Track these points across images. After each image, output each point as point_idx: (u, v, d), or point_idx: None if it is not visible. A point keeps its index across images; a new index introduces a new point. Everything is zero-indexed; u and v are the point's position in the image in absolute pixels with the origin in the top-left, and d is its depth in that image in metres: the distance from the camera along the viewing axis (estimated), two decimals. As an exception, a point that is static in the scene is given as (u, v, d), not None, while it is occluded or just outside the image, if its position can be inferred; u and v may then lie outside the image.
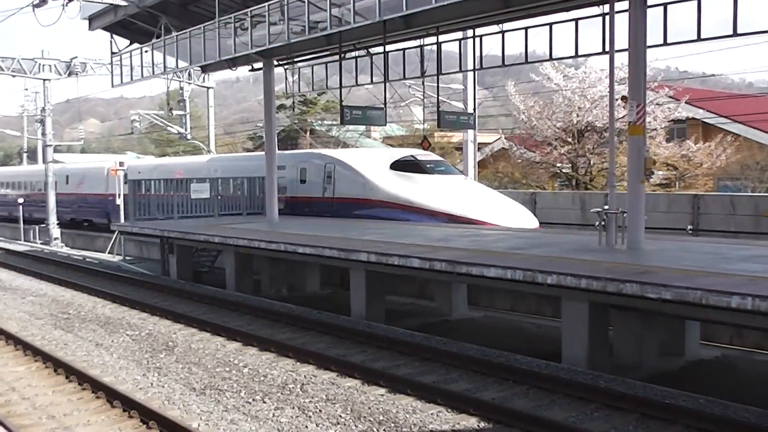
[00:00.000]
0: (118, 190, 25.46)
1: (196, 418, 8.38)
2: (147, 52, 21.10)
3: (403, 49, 18.48)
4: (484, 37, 16.70)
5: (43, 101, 33.53)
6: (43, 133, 33.66)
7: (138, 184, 21.31)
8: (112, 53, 22.37)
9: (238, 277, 17.48)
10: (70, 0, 19.38)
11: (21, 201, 34.38)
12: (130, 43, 22.29)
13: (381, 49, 17.40)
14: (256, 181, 22.20)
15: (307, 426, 8.05)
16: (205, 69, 24.40)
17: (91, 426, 8.23)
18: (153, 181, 21.88)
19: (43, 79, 32.67)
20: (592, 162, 28.29)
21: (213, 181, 22.48)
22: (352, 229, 17.05)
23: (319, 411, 8.50)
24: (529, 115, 29.52)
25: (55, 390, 9.58)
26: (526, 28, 15.20)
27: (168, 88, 34.91)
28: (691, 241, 14.82)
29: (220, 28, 17.76)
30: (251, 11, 16.97)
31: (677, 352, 11.10)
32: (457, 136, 36.23)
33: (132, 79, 21.87)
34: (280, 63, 20.86)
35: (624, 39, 12.35)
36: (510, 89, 30.74)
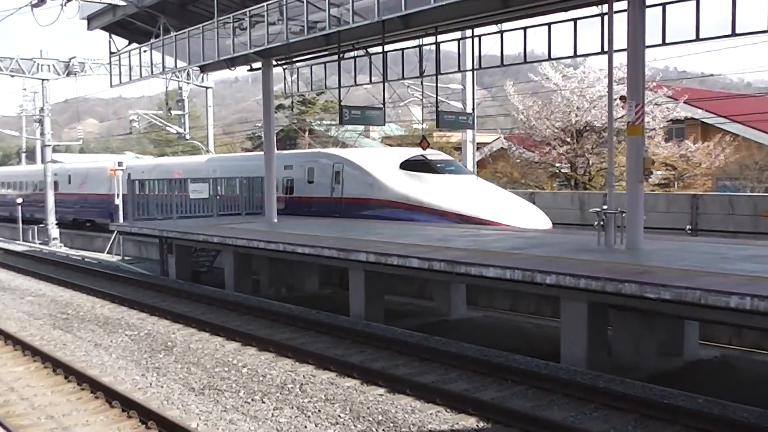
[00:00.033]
0: (117, 190, 25.44)
1: (195, 418, 8.38)
2: (146, 52, 21.10)
3: (402, 49, 18.50)
4: (482, 37, 16.69)
5: (42, 101, 33.51)
6: (42, 133, 33.63)
7: (137, 184, 21.28)
8: (111, 53, 22.36)
9: (237, 277, 17.48)
10: (69, 0, 19.37)
11: (20, 201, 34.34)
12: (129, 43, 22.29)
13: (380, 49, 17.44)
14: (256, 182, 22.20)
15: (306, 426, 8.05)
16: (203, 69, 24.40)
17: (90, 426, 8.23)
18: (156, 181, 21.82)
19: (42, 79, 32.64)
20: (590, 162, 28.30)
21: (215, 181, 22.46)
22: (352, 229, 17.06)
23: (318, 411, 8.50)
24: (528, 115, 29.53)
25: (54, 390, 9.58)
26: (525, 28, 15.21)
27: (167, 88, 34.97)
28: (690, 241, 14.83)
29: (218, 28, 17.76)
30: (250, 11, 16.96)
31: (676, 352, 11.11)
32: (455, 136, 36.24)
33: (131, 79, 21.86)
34: (279, 63, 20.86)
35: (623, 39, 12.36)
36: (509, 89, 30.74)
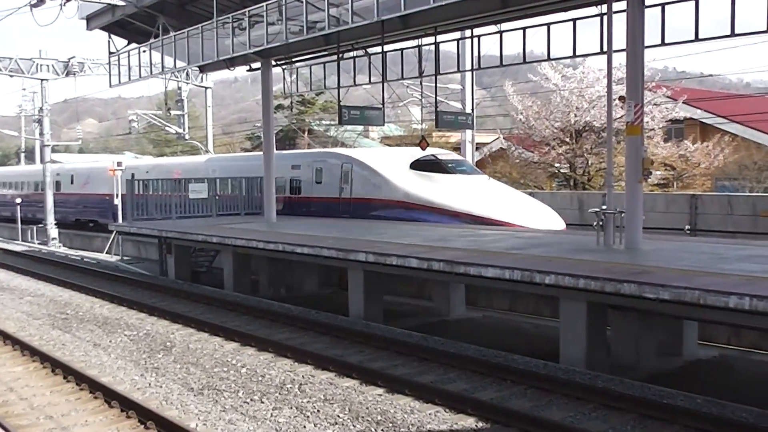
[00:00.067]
0: (116, 190, 25.44)
1: (194, 418, 8.38)
2: (145, 52, 21.09)
3: (401, 49, 18.49)
4: (482, 37, 16.69)
5: (41, 101, 33.50)
6: (41, 133, 33.62)
7: (136, 184, 21.27)
8: (110, 53, 22.35)
9: (236, 277, 17.48)
10: (68, 0, 19.36)
11: (18, 201, 34.31)
12: (128, 43, 22.28)
13: (379, 49, 17.44)
14: (255, 181, 22.19)
15: (305, 426, 8.05)
16: (203, 69, 24.39)
17: (88, 426, 8.22)
18: (157, 181, 21.82)
19: (41, 79, 32.62)
20: (590, 162, 28.30)
21: (219, 181, 22.44)
22: (351, 229, 17.05)
23: (317, 411, 8.50)
24: (527, 116, 29.52)
25: (53, 390, 9.58)
26: (524, 29, 15.21)
27: (166, 88, 35.01)
28: (689, 241, 14.83)
29: (218, 28, 17.75)
30: (249, 11, 16.96)
31: (675, 352, 11.12)
32: (455, 136, 36.29)
33: (130, 79, 21.86)
34: (278, 63, 20.86)
35: (622, 39, 12.37)
36: (508, 89, 30.74)
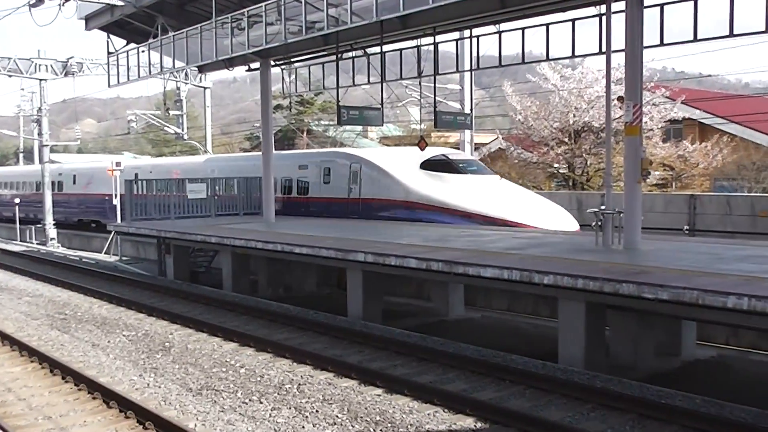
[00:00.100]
0: (115, 191, 25.44)
1: (193, 418, 8.38)
2: (144, 52, 21.10)
3: (400, 50, 18.51)
4: (481, 38, 16.71)
5: (40, 101, 33.46)
6: (40, 133, 33.59)
7: (135, 184, 21.27)
8: (109, 53, 22.34)
9: (234, 278, 17.47)
10: (67, 0, 19.35)
11: (17, 201, 34.27)
12: (127, 43, 22.28)
13: (378, 49, 17.43)
14: (254, 182, 22.17)
15: (303, 426, 8.05)
16: (201, 69, 24.37)
17: (87, 427, 8.22)
18: (161, 181, 21.85)
19: (40, 79, 32.58)
20: (588, 162, 28.31)
21: (220, 181, 22.40)
22: (350, 229, 17.05)
23: (316, 411, 8.50)
24: (526, 116, 29.53)
25: (52, 391, 9.57)
26: (523, 29, 15.24)
27: (165, 88, 34.99)
28: (688, 242, 14.85)
29: (216, 28, 17.75)
30: (248, 11, 16.96)
31: (674, 352, 11.13)
32: (454, 137, 36.30)
33: (129, 79, 21.85)
34: (277, 63, 20.86)
35: (621, 39, 12.37)
36: (507, 90, 30.75)
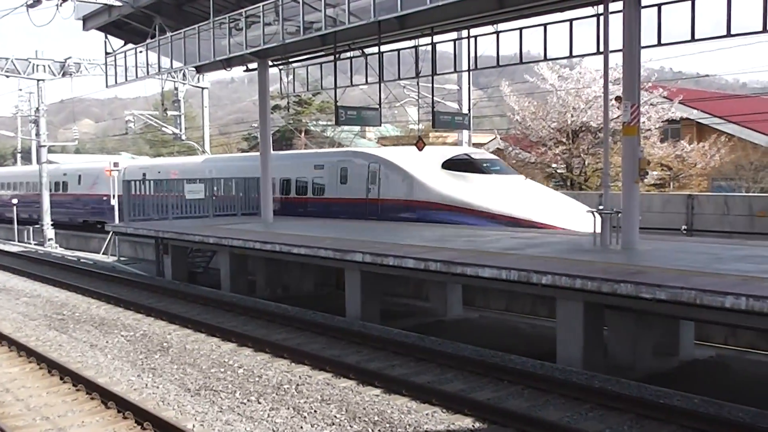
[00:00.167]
0: (114, 191, 25.42)
1: (191, 419, 8.37)
2: (141, 52, 21.07)
3: (398, 50, 18.52)
4: (478, 38, 16.73)
5: (37, 102, 33.45)
6: (37, 134, 33.55)
7: (133, 184, 21.25)
8: (107, 53, 22.31)
9: (233, 278, 17.46)
10: (65, 0, 19.33)
11: (15, 201, 34.20)
12: (125, 44, 22.25)
13: (376, 49, 17.44)
14: (253, 182, 22.15)
15: (302, 426, 8.05)
16: (199, 69, 24.36)
17: (85, 427, 8.21)
18: (165, 182, 21.92)
19: (37, 80, 32.55)
20: (586, 162, 28.33)
21: (223, 181, 22.44)
22: (349, 230, 17.05)
23: (314, 411, 8.50)
24: (524, 116, 29.53)
25: (50, 391, 9.56)
26: (521, 29, 15.26)
27: (162, 88, 34.94)
28: (686, 242, 14.86)
29: (214, 28, 17.74)
30: (246, 11, 16.94)
31: (672, 352, 11.14)
32: (451, 137, 36.31)
33: (126, 79, 21.82)
34: (275, 63, 20.86)
35: (618, 39, 12.39)
36: (505, 90, 30.76)
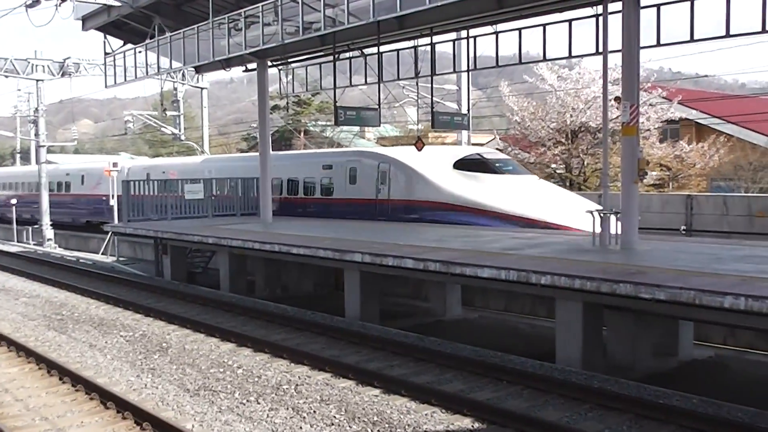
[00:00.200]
0: (112, 191, 25.40)
1: (190, 419, 8.37)
2: (140, 52, 21.06)
3: (397, 50, 18.53)
4: (477, 38, 16.74)
5: (36, 102, 33.41)
6: (36, 134, 33.52)
7: (132, 184, 21.24)
8: (106, 54, 22.30)
9: (232, 278, 17.46)
10: (63, 0, 19.31)
11: (14, 201, 34.15)
12: (124, 44, 22.24)
13: (375, 49, 17.45)
14: (252, 182, 22.16)
15: (301, 427, 8.04)
16: (198, 70, 24.36)
17: (84, 427, 8.21)
18: (177, 182, 21.97)
19: (36, 80, 32.53)
20: (585, 162, 28.33)
21: (228, 181, 22.47)
22: (348, 230, 17.05)
23: (314, 412, 8.50)
24: (523, 116, 29.53)
25: (49, 391, 9.56)
26: (520, 29, 15.26)
27: (162, 88, 34.93)
28: (685, 242, 14.86)
29: (213, 28, 17.73)
30: (245, 12, 16.94)
31: (671, 352, 11.13)
32: (451, 137, 36.32)
33: (125, 79, 21.80)
34: (274, 63, 20.85)
35: (618, 40, 12.40)
36: (504, 90, 30.77)
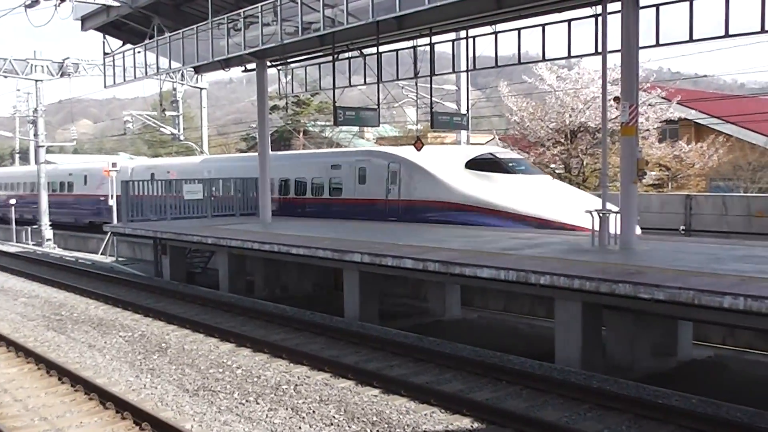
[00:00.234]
0: (111, 191, 25.40)
1: (189, 419, 8.37)
2: (140, 53, 21.06)
3: (396, 50, 18.53)
4: (477, 38, 16.74)
5: (35, 102, 33.38)
6: (36, 134, 33.49)
7: (131, 185, 21.24)
8: (105, 54, 22.30)
9: (231, 278, 17.46)
10: (63, 0, 19.30)
11: (12, 202, 34.12)
12: (123, 44, 22.23)
13: (374, 50, 17.44)
14: (251, 182, 22.15)
15: (300, 427, 8.04)
16: (198, 70, 24.36)
17: (83, 427, 8.20)
18: (178, 182, 21.97)
19: (36, 80, 32.50)
20: (584, 162, 28.34)
21: (233, 182, 22.50)
22: (347, 230, 17.04)
23: (313, 412, 8.50)
24: (522, 116, 29.54)
25: (48, 391, 9.55)
26: (519, 29, 15.27)
27: (161, 89, 34.96)
28: (684, 242, 14.87)
29: (212, 28, 17.73)
30: (244, 12, 16.94)
31: (670, 352, 11.14)
32: (450, 137, 36.31)
33: (125, 79, 21.80)
34: (273, 64, 20.86)
35: (617, 40, 12.40)
36: (503, 90, 30.77)
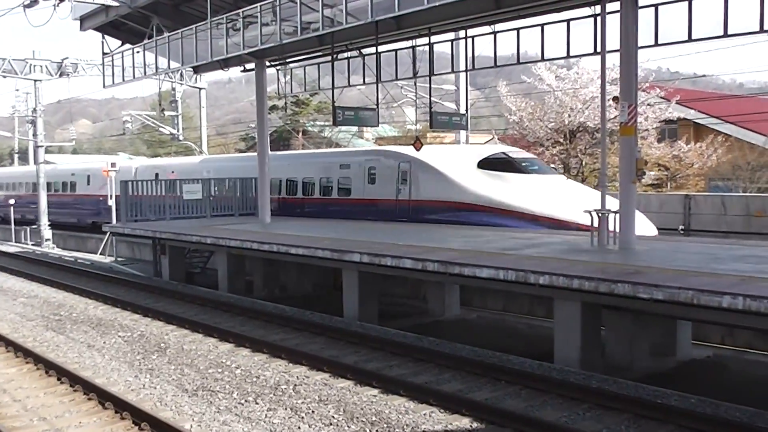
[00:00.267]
0: (110, 191, 25.39)
1: (189, 419, 8.37)
2: (139, 52, 21.05)
3: (396, 50, 18.53)
4: (476, 38, 16.75)
5: (34, 102, 33.36)
6: (34, 134, 33.46)
7: (131, 185, 21.23)
8: (104, 54, 22.30)
9: (230, 278, 17.46)
10: (62, 0, 19.29)
11: (12, 202, 34.09)
12: (122, 44, 22.23)
13: (373, 49, 17.45)
14: (251, 182, 22.15)
15: (299, 427, 8.04)
16: (197, 70, 24.35)
17: (82, 428, 8.20)
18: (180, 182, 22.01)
19: (34, 80, 32.48)
20: (584, 162, 28.35)
21: (237, 182, 22.51)
22: (347, 229, 17.05)
23: (312, 412, 8.50)
24: (521, 116, 29.55)
25: (47, 392, 9.55)
26: (518, 29, 15.27)
27: (160, 89, 34.88)
28: (683, 242, 14.88)
29: (211, 28, 17.73)
30: (243, 12, 16.95)
31: (669, 352, 11.14)
32: (449, 137, 36.32)
33: (124, 79, 21.79)
34: (273, 64, 20.85)
35: (616, 39, 12.41)
36: (502, 90, 30.78)
